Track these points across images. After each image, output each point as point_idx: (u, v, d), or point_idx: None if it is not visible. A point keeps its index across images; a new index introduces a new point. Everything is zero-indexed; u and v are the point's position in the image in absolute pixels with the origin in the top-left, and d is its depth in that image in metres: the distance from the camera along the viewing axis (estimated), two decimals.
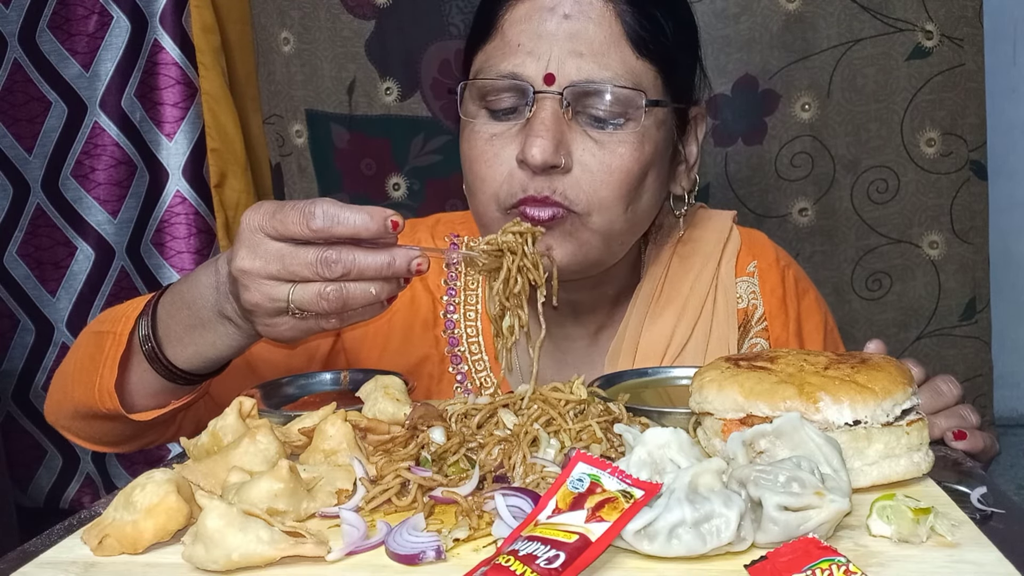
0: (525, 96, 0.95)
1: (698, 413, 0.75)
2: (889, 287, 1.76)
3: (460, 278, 1.15)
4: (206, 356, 0.90)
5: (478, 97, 0.99)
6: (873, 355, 0.76)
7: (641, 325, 1.10)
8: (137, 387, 0.94)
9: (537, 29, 0.95)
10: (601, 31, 0.95)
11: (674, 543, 0.57)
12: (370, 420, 0.81)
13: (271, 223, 0.76)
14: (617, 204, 0.96)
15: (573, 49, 0.94)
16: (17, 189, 1.96)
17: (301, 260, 0.76)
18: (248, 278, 0.78)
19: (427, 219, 1.22)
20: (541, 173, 0.94)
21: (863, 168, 1.73)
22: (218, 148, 1.91)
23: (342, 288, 0.76)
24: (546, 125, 0.93)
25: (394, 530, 0.61)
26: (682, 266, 1.12)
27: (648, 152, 0.97)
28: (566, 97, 0.94)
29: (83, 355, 0.98)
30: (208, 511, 0.59)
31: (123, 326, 0.92)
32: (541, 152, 0.92)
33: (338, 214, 0.75)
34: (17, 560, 0.62)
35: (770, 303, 1.13)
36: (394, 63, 1.82)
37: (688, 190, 1.09)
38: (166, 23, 1.87)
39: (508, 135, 0.97)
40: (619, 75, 0.94)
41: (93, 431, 1.02)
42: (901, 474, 0.68)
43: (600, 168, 0.95)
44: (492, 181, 0.97)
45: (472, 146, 0.99)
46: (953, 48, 1.67)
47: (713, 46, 1.70)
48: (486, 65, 0.98)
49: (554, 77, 0.94)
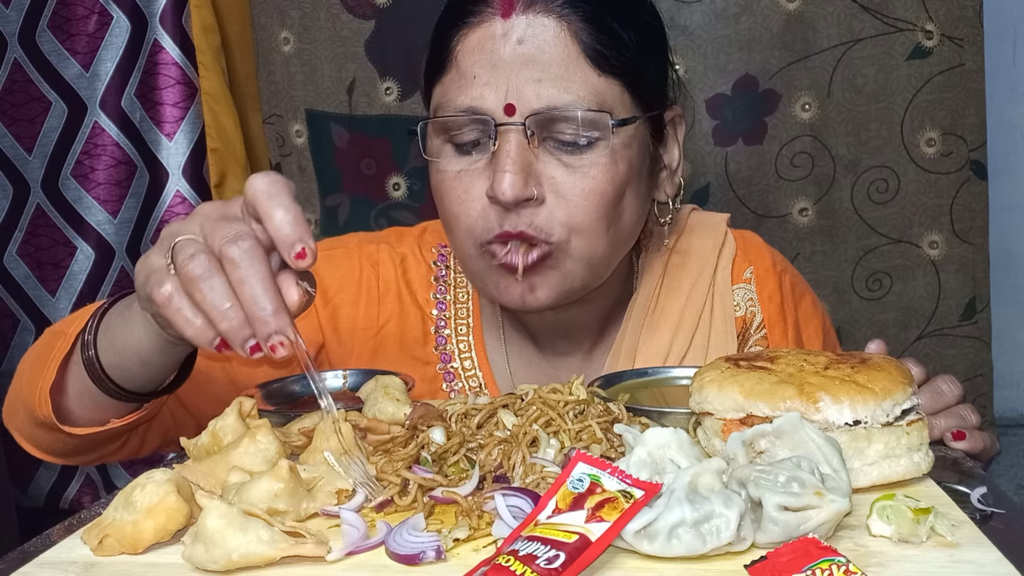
0: (487, 129, 0.91)
1: (698, 413, 0.75)
2: (889, 287, 1.76)
3: (450, 291, 1.12)
4: (125, 352, 0.82)
5: (441, 132, 0.95)
6: (873, 355, 0.76)
7: (637, 339, 1.07)
8: (74, 394, 0.88)
9: (491, 58, 0.91)
10: (558, 53, 0.90)
11: (674, 543, 0.57)
12: (370, 420, 0.81)
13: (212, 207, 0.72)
14: (596, 227, 0.93)
15: (530, 76, 0.90)
16: (17, 189, 1.96)
17: (218, 226, 0.68)
18: (166, 233, 0.71)
19: (414, 228, 1.18)
20: (513, 208, 0.91)
21: (863, 168, 1.73)
22: (218, 148, 1.91)
23: (208, 270, 0.66)
24: (512, 158, 0.89)
25: (394, 530, 0.61)
26: (677, 275, 1.09)
27: (622, 171, 0.93)
28: (529, 127, 0.90)
29: (35, 354, 0.93)
30: (208, 511, 0.59)
31: (75, 326, 0.86)
32: (511, 187, 0.88)
33: (278, 193, 0.67)
34: (17, 560, 0.62)
35: (768, 310, 1.10)
36: (394, 63, 1.82)
37: (673, 196, 1.05)
38: (166, 23, 1.87)
39: (475, 170, 0.93)
40: (582, 97, 0.90)
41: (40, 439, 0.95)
42: (901, 474, 0.68)
43: (573, 194, 0.91)
44: (466, 217, 0.94)
45: (440, 183, 0.96)
46: (953, 48, 1.67)
47: (713, 46, 1.70)
48: (444, 100, 0.95)
49: (514, 107, 0.90)
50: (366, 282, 1.10)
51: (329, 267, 1.10)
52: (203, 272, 0.67)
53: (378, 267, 1.11)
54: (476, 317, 1.11)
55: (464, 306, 1.11)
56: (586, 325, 1.08)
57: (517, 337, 1.10)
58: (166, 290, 0.69)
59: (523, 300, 0.95)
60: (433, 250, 1.14)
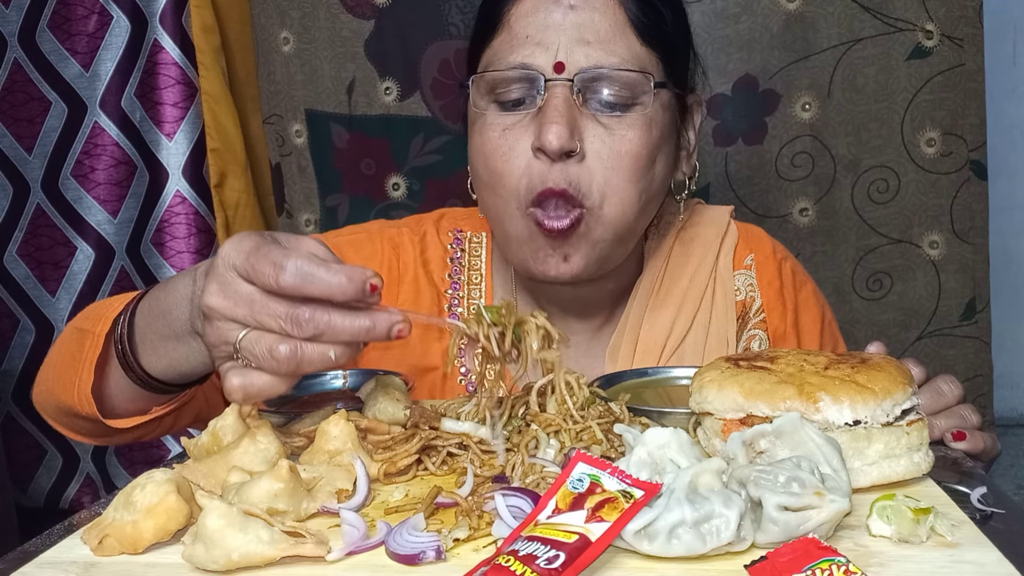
0: (535, 86, 0.97)
1: (698, 413, 0.75)
2: (889, 287, 1.76)
3: (464, 272, 1.15)
4: (180, 369, 0.85)
5: (487, 91, 1.01)
6: (873, 355, 0.76)
7: (641, 319, 1.11)
8: (115, 392, 0.90)
9: (544, 21, 0.98)
10: (606, 20, 0.98)
11: (674, 543, 0.57)
12: (370, 420, 0.81)
13: (244, 264, 0.69)
14: (629, 189, 0.99)
15: (580, 38, 0.97)
16: (17, 189, 1.96)
17: (271, 311, 0.69)
18: (213, 314, 0.71)
19: (432, 213, 1.23)
20: (558, 160, 0.96)
21: (863, 168, 1.73)
22: (218, 148, 1.91)
23: (298, 349, 0.68)
24: (560, 111, 0.95)
25: (394, 530, 0.61)
26: (681, 259, 1.14)
27: (655, 136, 1.00)
28: (576, 84, 0.96)
29: (64, 352, 0.94)
30: (208, 511, 0.59)
31: (101, 326, 0.88)
32: (557, 137, 0.94)
33: (312, 273, 0.68)
34: (17, 560, 0.62)
35: (767, 295, 1.14)
36: (394, 63, 1.82)
37: (689, 176, 1.11)
38: (166, 23, 1.87)
39: (520, 126, 0.99)
40: (626, 60, 0.98)
41: (78, 427, 0.99)
42: (901, 474, 0.68)
43: (611, 155, 0.97)
44: (510, 176, 0.98)
45: (486, 140, 1.00)
46: (953, 48, 1.67)
47: (713, 46, 1.70)
48: (494, 59, 1.01)
49: (564, 65, 0.97)
50: (387, 263, 1.15)
51: (354, 250, 1.15)
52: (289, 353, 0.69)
53: (399, 250, 1.16)
54: (489, 297, 1.15)
55: (477, 287, 1.15)
56: (599, 304, 1.13)
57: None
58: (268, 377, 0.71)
59: (557, 270, 1.00)
60: (449, 234, 1.19)
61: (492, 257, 1.16)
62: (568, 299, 1.11)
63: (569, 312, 1.12)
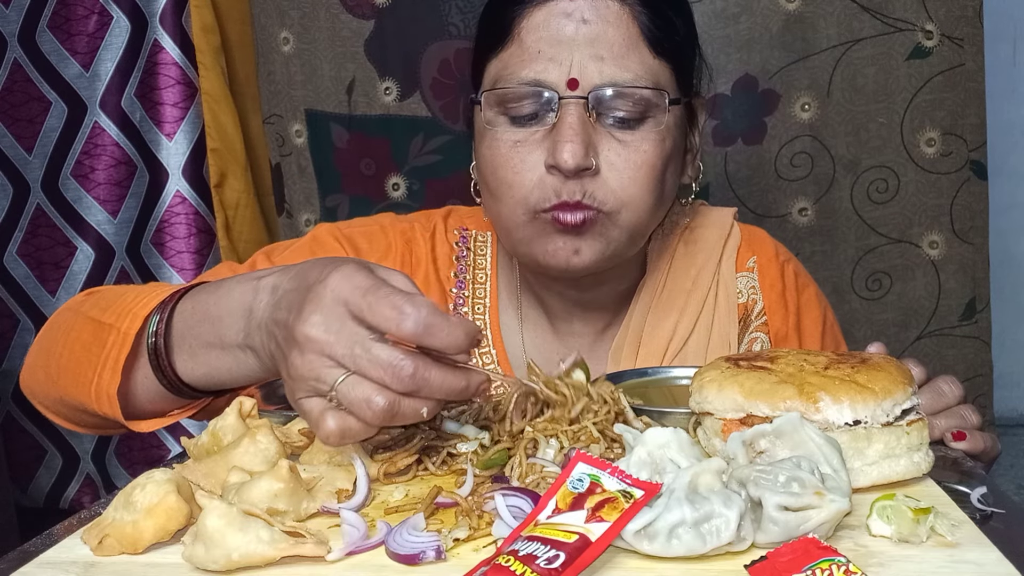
0: (549, 102, 0.96)
1: (698, 413, 0.75)
2: (889, 287, 1.76)
3: (469, 271, 1.15)
4: (218, 379, 0.81)
5: (497, 103, 0.99)
6: (873, 355, 0.76)
7: (644, 320, 1.11)
8: (138, 392, 0.86)
9: (556, 35, 0.96)
10: (619, 34, 0.96)
11: (674, 543, 0.57)
12: None
13: (359, 303, 0.66)
14: (645, 199, 0.98)
15: (594, 53, 0.96)
16: (17, 189, 1.96)
17: (374, 358, 0.65)
18: (310, 346, 0.67)
19: (440, 210, 1.22)
20: (573, 177, 0.95)
21: (863, 168, 1.73)
22: (218, 148, 1.91)
23: (395, 403, 0.66)
24: (575, 129, 0.94)
25: (394, 530, 0.61)
26: (684, 261, 1.14)
27: (668, 147, 1.00)
28: (590, 101, 0.95)
29: (76, 344, 0.89)
30: (208, 511, 0.59)
31: (129, 323, 0.83)
32: (573, 156, 0.93)
33: (435, 324, 0.65)
34: (17, 560, 0.62)
35: (769, 297, 1.14)
36: (394, 63, 1.82)
37: (695, 178, 1.11)
38: (166, 23, 1.87)
39: (532, 141, 0.97)
40: (640, 76, 0.96)
41: (82, 420, 0.95)
42: (901, 474, 0.68)
43: (627, 167, 0.97)
44: (520, 187, 0.98)
45: (496, 153, 0.99)
46: (953, 48, 1.67)
47: (713, 46, 1.70)
48: (504, 73, 0.99)
49: (577, 82, 0.95)
50: (401, 258, 1.15)
51: (368, 243, 1.15)
52: (387, 407, 0.66)
53: (411, 244, 1.16)
54: (493, 297, 1.15)
55: (482, 287, 1.15)
56: (602, 305, 1.12)
57: (533, 315, 1.14)
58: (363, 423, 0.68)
59: (568, 262, 0.99)
60: (455, 232, 1.18)
61: (498, 258, 1.16)
62: (572, 301, 1.11)
63: (573, 314, 1.12)
